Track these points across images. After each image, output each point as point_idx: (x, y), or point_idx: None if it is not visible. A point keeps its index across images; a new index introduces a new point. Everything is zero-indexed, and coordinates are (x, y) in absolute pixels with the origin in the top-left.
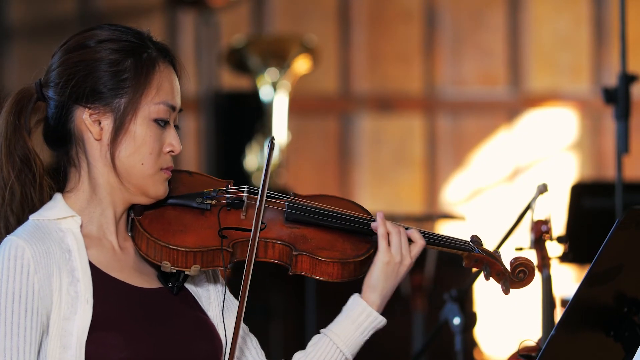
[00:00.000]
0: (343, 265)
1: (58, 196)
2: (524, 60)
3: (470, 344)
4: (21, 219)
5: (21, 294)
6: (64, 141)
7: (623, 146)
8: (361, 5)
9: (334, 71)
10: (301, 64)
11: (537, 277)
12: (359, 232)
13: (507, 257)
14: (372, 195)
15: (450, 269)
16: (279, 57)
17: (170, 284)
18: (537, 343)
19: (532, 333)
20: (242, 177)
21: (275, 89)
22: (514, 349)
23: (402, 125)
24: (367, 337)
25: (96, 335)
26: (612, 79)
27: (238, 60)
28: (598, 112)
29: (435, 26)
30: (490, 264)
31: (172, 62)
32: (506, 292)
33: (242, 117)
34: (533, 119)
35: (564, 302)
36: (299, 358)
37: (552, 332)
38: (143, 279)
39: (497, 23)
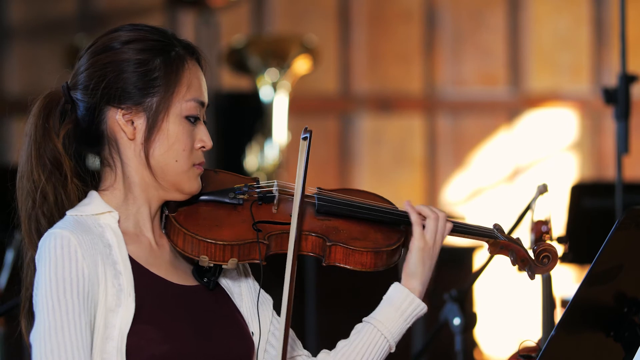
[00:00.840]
0: (376, 255)
1: (94, 193)
2: (524, 60)
3: (470, 344)
4: (52, 222)
5: (72, 278)
6: (95, 142)
7: (623, 146)
8: (361, 5)
9: (334, 71)
10: (301, 64)
11: (538, 277)
12: (388, 222)
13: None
14: None
15: (450, 269)
16: (279, 57)
17: (205, 280)
18: (537, 343)
19: (532, 333)
20: None
21: (275, 89)
22: (514, 349)
23: (402, 125)
24: (409, 325)
25: (137, 328)
26: (612, 79)
27: (238, 61)
28: (598, 112)
29: (435, 26)
30: (515, 250)
31: (198, 59)
32: (532, 277)
33: (242, 117)
34: (533, 119)
35: (564, 302)
36: (342, 346)
37: (552, 332)
38: (179, 276)
39: (497, 23)
